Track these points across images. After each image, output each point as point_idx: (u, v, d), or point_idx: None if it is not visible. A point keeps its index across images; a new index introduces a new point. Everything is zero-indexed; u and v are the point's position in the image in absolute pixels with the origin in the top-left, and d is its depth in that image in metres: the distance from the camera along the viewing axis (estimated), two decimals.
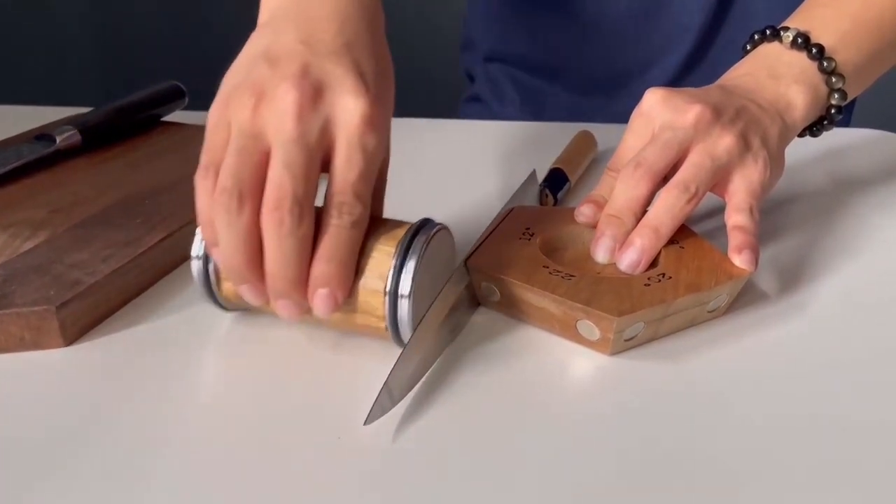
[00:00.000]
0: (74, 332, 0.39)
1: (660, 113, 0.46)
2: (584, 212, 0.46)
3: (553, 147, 0.61)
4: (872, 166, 0.65)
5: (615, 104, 0.81)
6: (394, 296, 0.35)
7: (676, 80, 0.80)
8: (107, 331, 0.41)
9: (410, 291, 0.35)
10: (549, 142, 0.64)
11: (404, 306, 0.35)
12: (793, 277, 0.46)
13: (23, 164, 0.55)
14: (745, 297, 0.44)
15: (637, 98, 0.48)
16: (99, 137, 0.61)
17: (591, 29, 0.80)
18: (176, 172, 0.55)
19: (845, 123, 0.78)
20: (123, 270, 0.42)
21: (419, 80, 1.56)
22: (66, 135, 0.58)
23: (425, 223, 0.38)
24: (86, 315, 0.40)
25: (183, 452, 0.32)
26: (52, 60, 1.94)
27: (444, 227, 0.38)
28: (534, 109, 0.87)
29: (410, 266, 0.35)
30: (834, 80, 0.50)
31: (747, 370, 0.38)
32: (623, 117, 0.49)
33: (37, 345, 0.39)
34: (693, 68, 0.80)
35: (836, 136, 0.63)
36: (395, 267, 0.35)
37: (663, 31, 0.79)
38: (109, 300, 0.42)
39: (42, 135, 0.58)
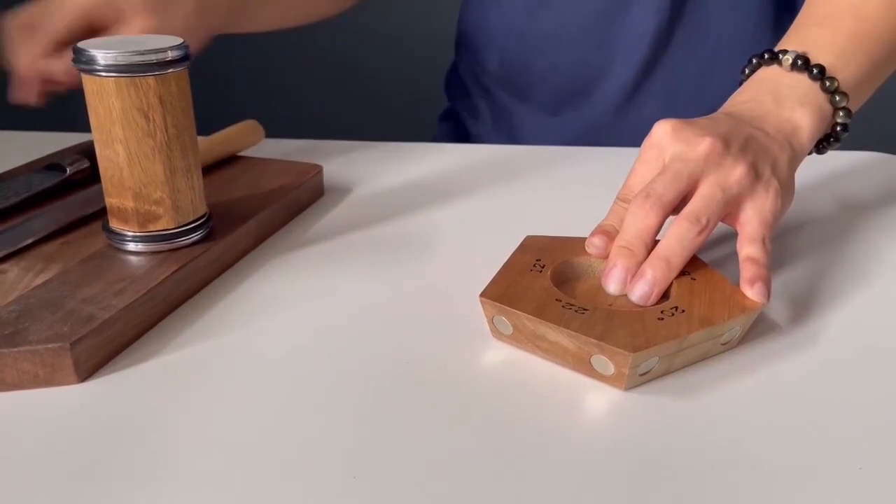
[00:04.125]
0: (88, 369, 0.40)
1: (670, 144, 0.47)
2: (594, 243, 0.46)
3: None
4: (876, 190, 0.65)
5: (581, 117, 0.84)
6: None
7: (635, 87, 0.81)
8: (120, 366, 0.41)
9: None
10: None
11: None
12: (804, 307, 0.47)
13: (33, 195, 0.55)
14: (757, 327, 0.44)
15: (598, 108, 0.49)
16: None
17: (552, 39, 0.82)
18: None
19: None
20: (136, 305, 0.42)
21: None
22: (75, 164, 0.58)
23: None
24: (99, 351, 0.40)
25: (197, 488, 0.32)
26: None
27: None
28: (506, 128, 0.89)
29: None
30: (837, 98, 0.50)
31: (762, 404, 0.38)
32: (588, 130, 0.49)
33: (50, 382, 0.39)
34: (650, 74, 0.81)
35: (838, 160, 0.63)
36: None
37: (620, 39, 0.80)
38: (122, 335, 0.42)
39: (52, 164, 0.58)
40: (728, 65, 0.72)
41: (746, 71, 0.54)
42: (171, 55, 0.45)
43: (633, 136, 0.64)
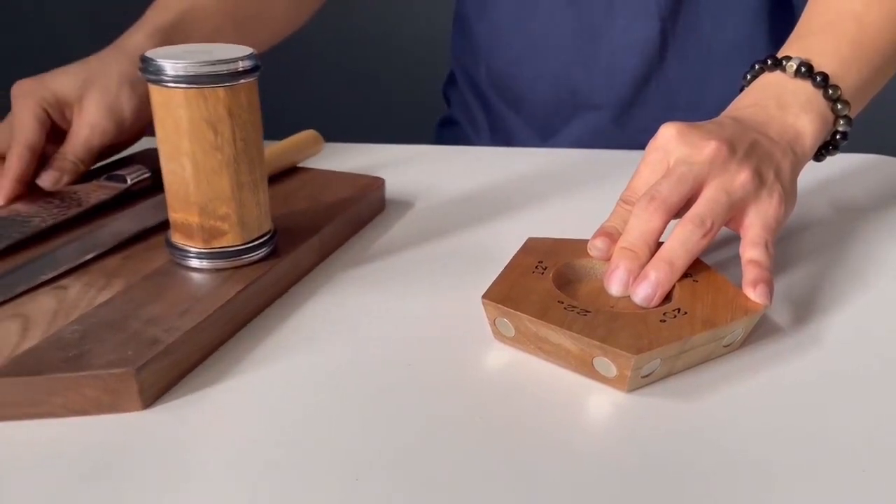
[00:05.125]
0: (152, 395, 0.38)
1: (675, 147, 0.46)
2: (597, 245, 0.46)
3: None
4: (875, 192, 0.64)
5: (576, 128, 0.82)
6: None
7: (632, 98, 0.80)
8: (183, 391, 0.39)
9: None
10: None
11: None
12: (806, 309, 0.46)
13: (93, 206, 0.54)
14: (760, 330, 0.44)
15: (592, 120, 0.47)
16: None
17: (537, 48, 0.80)
18: None
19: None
20: (201, 327, 0.41)
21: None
22: (136, 175, 0.57)
23: None
24: (164, 376, 0.38)
25: None
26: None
27: None
28: (504, 137, 0.88)
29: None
30: (839, 106, 0.50)
31: (764, 406, 0.38)
32: (584, 142, 0.47)
33: (113, 408, 0.37)
34: (647, 84, 0.79)
35: (836, 163, 0.64)
36: None
37: (605, 51, 0.78)
38: (187, 359, 0.40)
39: (112, 175, 0.57)
40: (725, 71, 0.72)
41: (748, 76, 0.54)
42: (241, 66, 0.43)
43: (631, 147, 0.64)
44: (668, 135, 0.47)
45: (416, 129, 1.00)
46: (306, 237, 0.51)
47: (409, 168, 0.70)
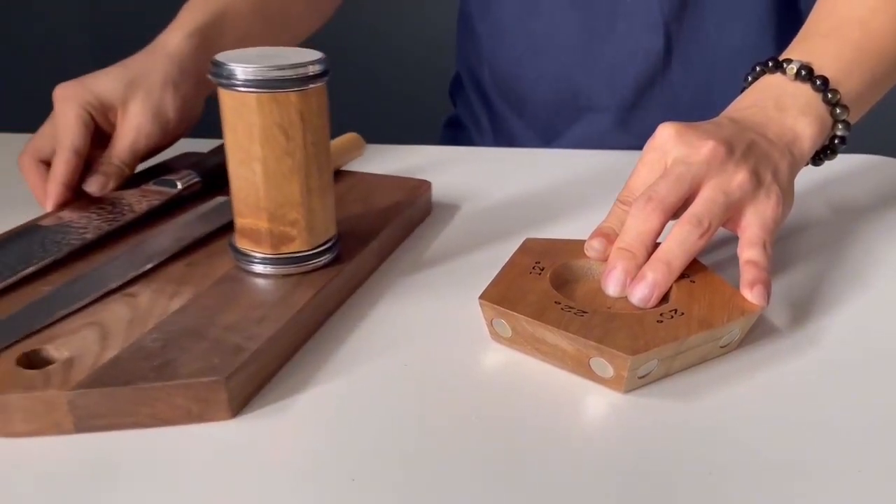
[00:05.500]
0: (240, 403, 0.37)
1: (673, 147, 0.46)
2: (593, 245, 0.46)
3: None
4: (874, 192, 0.65)
5: (578, 131, 0.82)
6: None
7: (633, 103, 0.79)
8: (266, 400, 0.38)
9: None
10: None
11: None
12: (803, 311, 0.46)
13: (145, 213, 0.53)
14: (757, 330, 0.44)
15: (594, 124, 0.47)
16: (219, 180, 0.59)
17: (539, 49, 0.80)
18: None
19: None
20: (280, 334, 0.40)
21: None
22: (186, 179, 0.57)
23: None
24: (248, 385, 0.38)
25: None
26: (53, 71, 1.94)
27: None
28: (507, 139, 0.87)
29: None
30: (838, 111, 0.50)
31: (761, 407, 0.38)
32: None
33: (202, 417, 0.36)
34: (651, 88, 0.78)
35: (835, 163, 0.63)
36: None
37: (607, 55, 0.78)
38: (268, 366, 0.40)
39: (162, 180, 0.56)
40: (730, 76, 0.71)
41: (749, 78, 0.54)
42: (311, 70, 0.42)
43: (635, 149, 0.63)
44: (666, 135, 0.47)
45: (421, 130, 1.00)
46: (365, 242, 0.50)
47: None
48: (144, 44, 0.62)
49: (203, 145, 0.70)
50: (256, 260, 0.45)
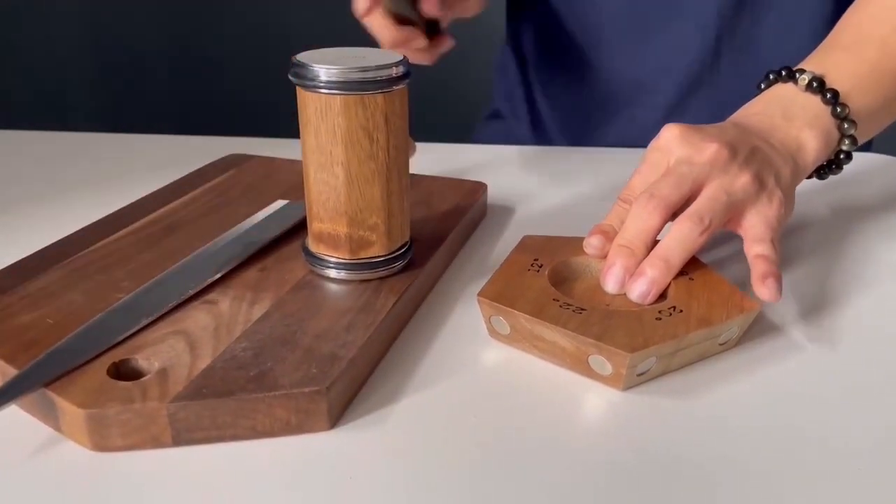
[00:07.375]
0: (337, 413, 0.36)
1: (676, 148, 0.46)
2: (592, 243, 0.46)
3: None
4: (877, 192, 0.65)
5: (621, 127, 0.81)
6: None
7: (677, 104, 0.78)
8: (361, 410, 0.37)
9: None
10: None
11: None
12: (803, 309, 0.46)
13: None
14: (756, 328, 0.44)
15: (637, 121, 0.47)
16: None
17: (589, 35, 0.79)
18: None
19: (866, 149, 0.78)
20: (371, 340, 0.39)
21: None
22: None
23: None
24: (346, 393, 0.37)
25: None
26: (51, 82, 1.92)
27: None
28: (544, 134, 0.86)
29: None
30: (846, 125, 0.50)
31: (759, 405, 0.38)
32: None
33: (301, 428, 0.36)
34: (696, 91, 0.78)
35: None
36: None
37: (658, 52, 0.77)
38: (361, 374, 0.39)
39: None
40: None
41: (762, 86, 0.54)
42: (395, 71, 0.41)
43: None
44: (670, 135, 0.47)
45: (454, 126, 0.98)
46: (435, 246, 0.49)
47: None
48: (144, 44, 0.61)
49: (246, 146, 0.69)
50: (330, 265, 0.44)
